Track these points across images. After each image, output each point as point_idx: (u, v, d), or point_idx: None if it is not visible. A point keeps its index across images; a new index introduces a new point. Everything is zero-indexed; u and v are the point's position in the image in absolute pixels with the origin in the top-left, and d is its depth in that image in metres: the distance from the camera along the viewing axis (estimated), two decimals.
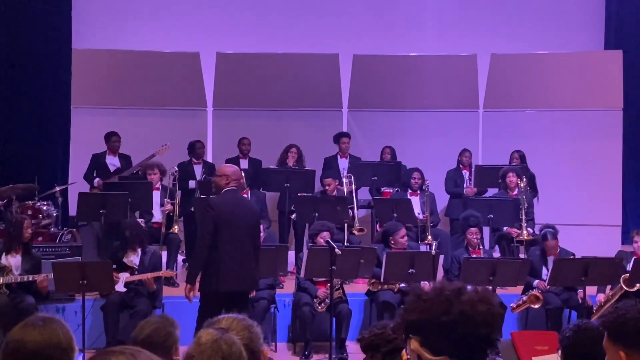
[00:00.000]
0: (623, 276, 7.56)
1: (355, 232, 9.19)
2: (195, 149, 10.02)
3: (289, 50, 10.88)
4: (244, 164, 10.16)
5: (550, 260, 7.90)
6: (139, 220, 8.54)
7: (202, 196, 8.92)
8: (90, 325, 7.55)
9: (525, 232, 8.90)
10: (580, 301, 7.73)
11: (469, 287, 2.11)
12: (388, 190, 10.15)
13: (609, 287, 7.77)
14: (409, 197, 9.58)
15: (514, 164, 10.01)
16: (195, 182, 9.57)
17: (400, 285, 7.80)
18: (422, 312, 2.08)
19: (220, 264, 6.23)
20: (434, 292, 2.09)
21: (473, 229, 8.26)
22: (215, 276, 6.23)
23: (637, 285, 7.55)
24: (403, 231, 8.03)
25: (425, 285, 2.22)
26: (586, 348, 3.57)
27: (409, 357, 2.08)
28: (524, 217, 8.92)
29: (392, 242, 7.96)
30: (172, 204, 8.98)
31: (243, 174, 9.27)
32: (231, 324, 2.63)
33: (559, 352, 3.72)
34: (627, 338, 2.59)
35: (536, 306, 7.77)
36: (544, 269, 7.98)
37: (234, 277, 6.29)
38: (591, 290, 7.79)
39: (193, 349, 2.46)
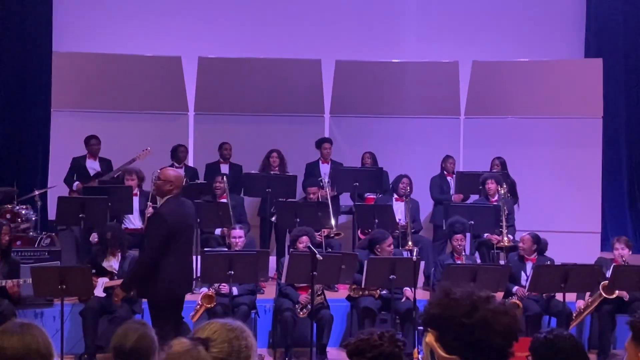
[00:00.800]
0: (602, 283, 7.60)
1: (333, 235, 9.18)
2: (178, 152, 10.01)
3: (271, 55, 10.86)
4: (225, 168, 10.14)
5: (528, 265, 7.94)
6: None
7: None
8: (69, 330, 7.49)
9: (505, 238, 8.93)
10: (560, 307, 7.75)
11: (497, 298, 2.12)
12: (371, 196, 10.15)
13: (588, 293, 7.81)
14: (394, 202, 9.59)
15: (494, 170, 10.05)
16: None
17: (382, 292, 7.80)
18: (446, 308, 2.09)
19: (170, 271, 6.16)
20: (462, 293, 2.10)
21: (458, 236, 8.24)
22: (168, 283, 6.17)
23: (616, 292, 7.61)
24: (390, 240, 8.01)
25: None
26: (555, 356, 3.58)
27: (420, 355, 2.09)
28: (504, 223, 8.95)
29: (379, 250, 7.92)
30: (154, 209, 8.90)
31: (223, 180, 9.28)
32: (214, 333, 2.53)
33: (529, 359, 3.74)
34: None
35: None
36: (522, 274, 8.01)
37: (184, 282, 6.38)
38: (570, 296, 7.84)
39: (164, 358, 2.42)
